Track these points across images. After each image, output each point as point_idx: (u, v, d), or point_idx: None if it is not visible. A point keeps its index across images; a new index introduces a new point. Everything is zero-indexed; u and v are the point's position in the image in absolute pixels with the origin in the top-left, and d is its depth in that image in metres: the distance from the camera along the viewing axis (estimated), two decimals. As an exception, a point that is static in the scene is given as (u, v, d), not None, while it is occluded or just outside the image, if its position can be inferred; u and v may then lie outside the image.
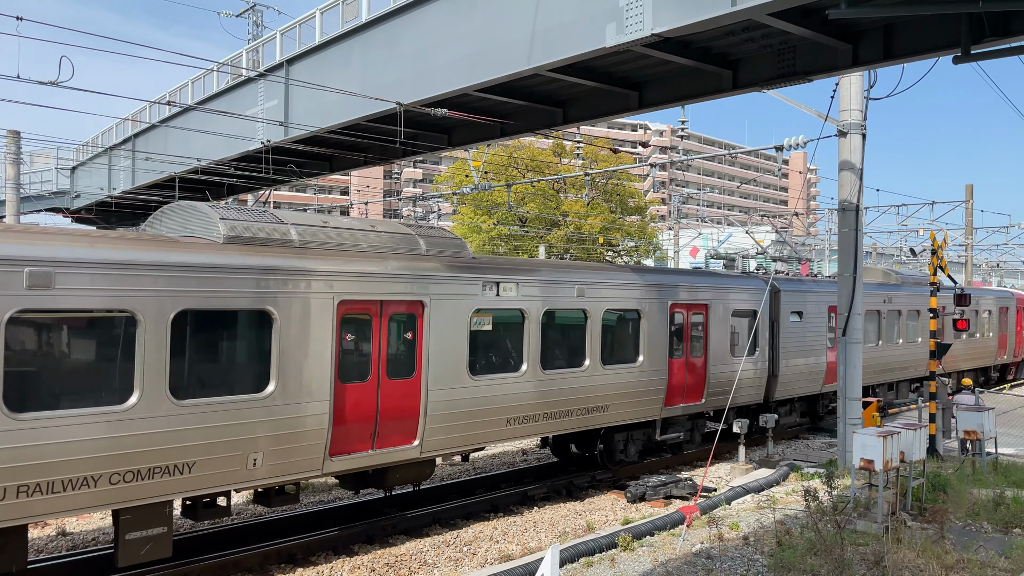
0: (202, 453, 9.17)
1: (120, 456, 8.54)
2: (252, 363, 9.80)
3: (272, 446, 9.81)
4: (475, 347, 12.25)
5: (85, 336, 8.56)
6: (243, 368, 9.77)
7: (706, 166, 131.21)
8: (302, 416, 10.08)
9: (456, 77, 13.54)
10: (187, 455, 9.04)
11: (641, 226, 56.18)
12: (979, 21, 10.22)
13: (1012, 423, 20.77)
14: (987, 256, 60.09)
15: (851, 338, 15.95)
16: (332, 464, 10.55)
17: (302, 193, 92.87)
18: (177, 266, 9.05)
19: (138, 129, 26.57)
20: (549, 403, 13.43)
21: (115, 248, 8.82)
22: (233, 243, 10.00)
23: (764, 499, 13.60)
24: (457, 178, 51.46)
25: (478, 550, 11.66)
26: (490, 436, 12.63)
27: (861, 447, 11.18)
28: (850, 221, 16.08)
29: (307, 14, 17.42)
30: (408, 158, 21.45)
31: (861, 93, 15.93)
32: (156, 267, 8.88)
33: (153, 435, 8.76)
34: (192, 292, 9.15)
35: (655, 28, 10.26)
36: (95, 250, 8.59)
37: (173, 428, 8.92)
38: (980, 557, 9.93)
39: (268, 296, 9.83)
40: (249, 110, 19.13)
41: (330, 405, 10.36)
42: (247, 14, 31.21)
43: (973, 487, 13.40)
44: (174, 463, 8.95)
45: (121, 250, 8.80)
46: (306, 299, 10.21)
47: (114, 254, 8.67)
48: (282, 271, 9.99)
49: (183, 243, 9.63)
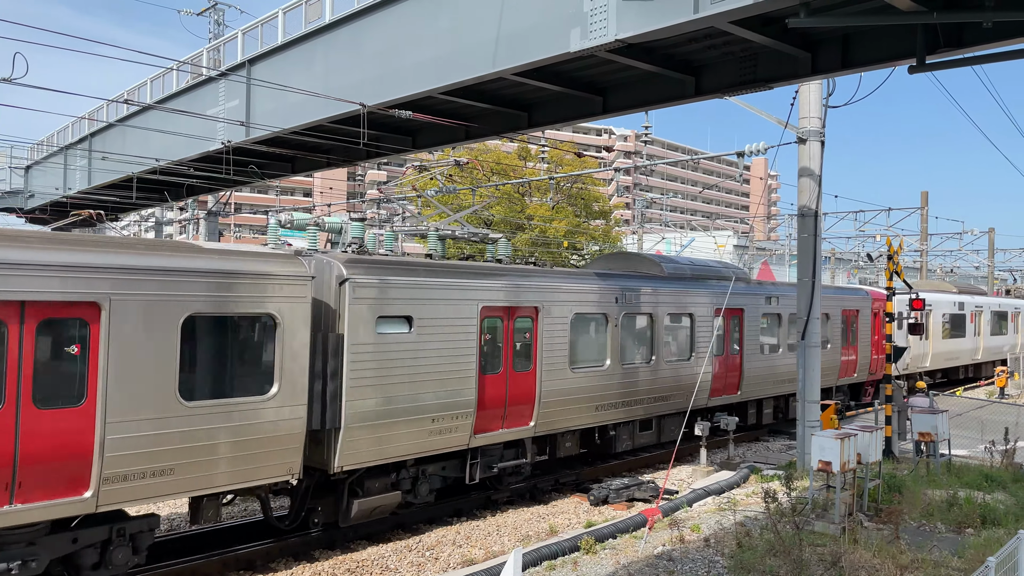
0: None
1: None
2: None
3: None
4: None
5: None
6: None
7: (669, 171, 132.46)
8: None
9: (420, 79, 13.50)
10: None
11: (605, 230, 56.50)
12: (934, 32, 10.45)
13: (965, 425, 21.24)
14: (941, 261, 61.49)
15: (809, 341, 16.20)
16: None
17: (264, 195, 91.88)
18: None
19: (95, 128, 26.03)
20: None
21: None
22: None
23: (725, 501, 13.74)
24: (422, 181, 51.30)
25: (440, 555, 11.61)
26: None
27: (819, 449, 11.35)
28: (809, 227, 16.34)
29: (269, 13, 17.23)
30: (372, 160, 21.31)
31: (820, 101, 16.21)
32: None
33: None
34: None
35: (619, 34, 10.33)
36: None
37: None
38: (934, 557, 10.14)
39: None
40: (210, 110, 18.86)
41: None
42: (208, 13, 30.77)
43: (927, 488, 13.69)
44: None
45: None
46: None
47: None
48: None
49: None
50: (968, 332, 34.88)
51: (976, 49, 10.48)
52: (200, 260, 9.53)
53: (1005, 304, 41.64)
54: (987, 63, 10.50)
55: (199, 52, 20.36)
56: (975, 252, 57.15)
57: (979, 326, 36.22)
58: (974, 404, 26.87)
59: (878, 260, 43.39)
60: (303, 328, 10.30)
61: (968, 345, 35.11)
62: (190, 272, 9.31)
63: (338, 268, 11.14)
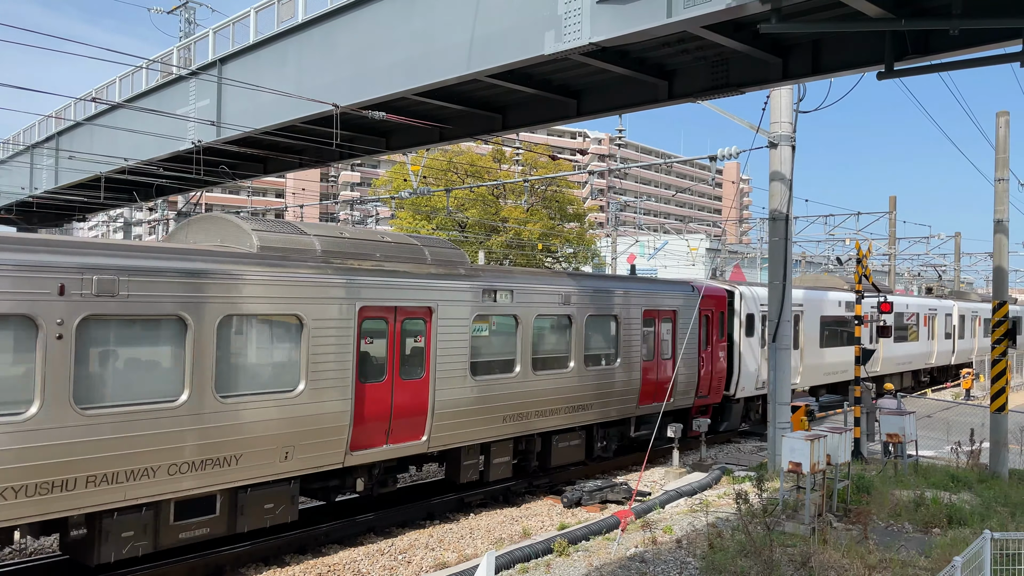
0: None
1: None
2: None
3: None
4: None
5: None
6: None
7: (643, 174, 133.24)
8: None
9: (394, 80, 13.45)
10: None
11: (580, 233, 56.71)
12: (902, 39, 10.62)
13: (932, 427, 21.58)
14: (909, 265, 62.51)
15: (780, 344, 16.36)
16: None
17: (235, 195, 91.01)
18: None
19: (62, 127, 25.63)
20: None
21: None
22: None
23: (697, 502, 13.82)
24: (396, 182, 51.16)
25: (413, 558, 11.55)
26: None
27: (790, 450, 11.45)
28: (780, 230, 16.50)
29: (241, 12, 17.08)
30: (345, 161, 21.20)
31: (791, 106, 16.38)
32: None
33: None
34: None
35: (592, 37, 10.38)
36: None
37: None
38: (901, 557, 10.27)
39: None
40: (180, 109, 18.64)
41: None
42: (179, 11, 30.43)
43: (895, 488, 13.87)
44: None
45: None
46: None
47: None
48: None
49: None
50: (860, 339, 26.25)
51: (943, 56, 10.67)
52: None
53: (917, 305, 33.46)
54: (954, 70, 10.69)
55: (169, 51, 20.13)
56: (942, 256, 58.17)
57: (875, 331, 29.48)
58: (940, 406, 27.31)
59: (847, 263, 43.99)
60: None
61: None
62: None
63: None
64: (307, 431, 10.89)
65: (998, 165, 17.27)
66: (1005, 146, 17.34)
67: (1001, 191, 17.05)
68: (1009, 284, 18.32)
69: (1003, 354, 16.19)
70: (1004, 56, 10.18)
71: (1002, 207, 17.00)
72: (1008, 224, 17.03)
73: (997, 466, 15.81)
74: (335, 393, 11.21)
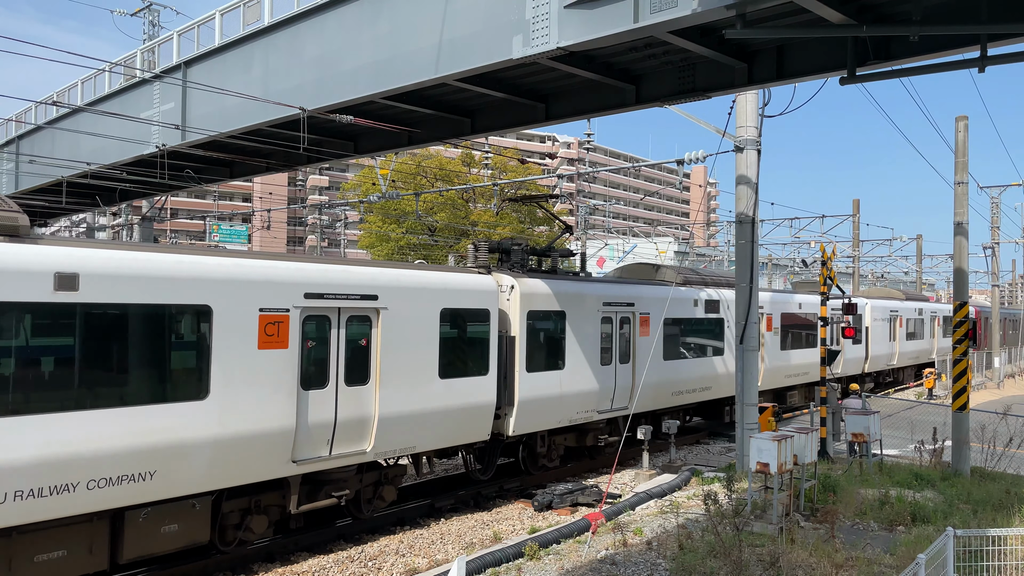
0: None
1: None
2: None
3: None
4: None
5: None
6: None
7: (612, 178, 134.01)
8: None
9: (361, 84, 13.39)
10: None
11: (550, 236, 56.86)
12: (864, 45, 10.81)
13: (896, 426, 21.94)
14: (872, 267, 63.55)
15: (748, 346, 16.53)
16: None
17: (202, 199, 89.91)
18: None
19: (22, 131, 25.12)
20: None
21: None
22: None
23: (667, 504, 13.90)
24: (364, 186, 50.90)
25: (383, 564, 11.47)
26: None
27: (757, 451, 11.56)
28: (747, 233, 16.68)
29: (206, 15, 16.90)
30: (313, 165, 21.04)
31: (756, 110, 16.58)
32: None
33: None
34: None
35: (560, 42, 10.42)
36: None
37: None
38: (867, 555, 10.42)
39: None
40: (144, 112, 18.38)
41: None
42: (142, 13, 29.98)
43: (861, 487, 14.07)
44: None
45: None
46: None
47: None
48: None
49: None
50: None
51: (904, 62, 10.87)
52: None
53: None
54: (914, 75, 10.89)
55: (133, 53, 19.83)
56: (904, 258, 59.24)
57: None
58: (904, 405, 27.78)
59: (813, 265, 44.60)
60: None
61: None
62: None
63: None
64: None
65: (957, 169, 17.63)
66: (964, 150, 17.71)
67: (961, 194, 17.40)
68: (969, 285, 18.68)
69: (964, 354, 16.51)
70: (963, 62, 10.41)
71: (962, 210, 17.35)
72: (967, 226, 17.38)
73: (959, 464, 16.11)
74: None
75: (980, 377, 39.49)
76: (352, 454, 11.80)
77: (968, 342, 16.54)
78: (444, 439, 13.46)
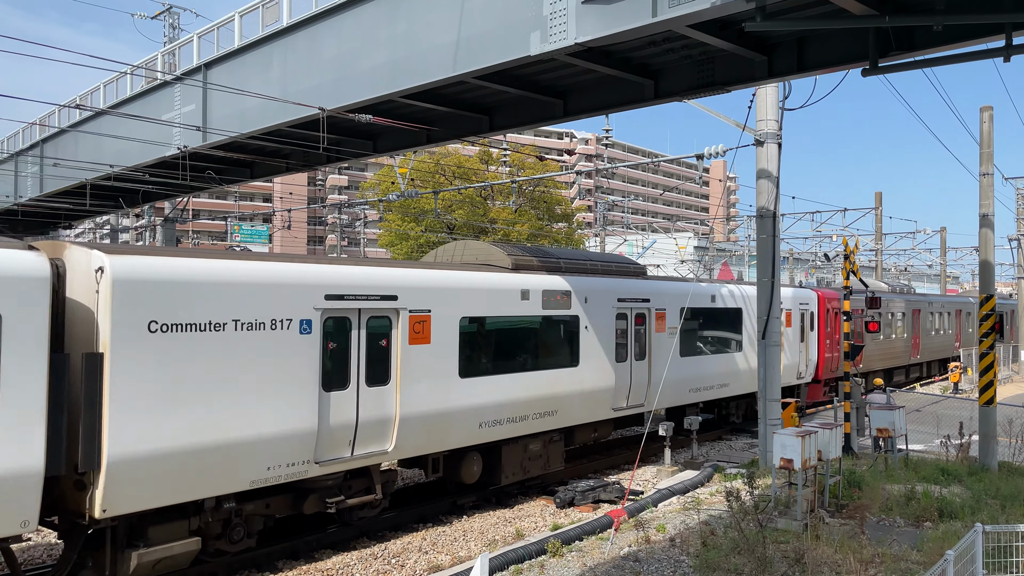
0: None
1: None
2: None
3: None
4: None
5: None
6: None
7: (630, 174, 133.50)
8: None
9: (380, 83, 13.42)
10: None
11: (568, 233, 56.77)
12: (886, 35, 10.67)
13: (922, 420, 21.71)
14: (896, 260, 62.84)
15: (770, 340, 16.42)
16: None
17: (222, 200, 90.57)
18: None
19: (47, 134, 25.46)
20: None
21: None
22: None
23: (689, 500, 13.84)
24: (384, 185, 51.07)
25: (406, 562, 11.51)
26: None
27: (781, 447, 11.48)
28: (768, 228, 16.56)
29: (225, 17, 17.02)
30: (332, 164, 21.14)
31: (777, 104, 16.45)
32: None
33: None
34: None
35: (578, 37, 10.38)
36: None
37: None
38: (894, 551, 10.31)
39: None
40: (165, 115, 18.54)
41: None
42: (163, 16, 30.25)
43: (886, 483, 13.93)
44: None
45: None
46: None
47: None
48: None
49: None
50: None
51: (927, 52, 10.73)
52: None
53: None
54: (938, 66, 10.74)
55: (154, 56, 20.02)
56: (928, 251, 58.54)
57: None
58: (929, 399, 27.49)
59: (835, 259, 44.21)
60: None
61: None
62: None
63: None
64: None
65: (982, 160, 17.39)
66: (989, 141, 17.46)
67: (986, 185, 17.17)
68: (995, 277, 18.43)
69: (990, 348, 16.30)
70: (987, 51, 10.25)
71: (987, 201, 17.12)
72: (993, 218, 17.14)
73: (986, 459, 15.91)
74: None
75: (1006, 371, 38.95)
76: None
77: (995, 335, 16.31)
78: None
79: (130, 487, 8.95)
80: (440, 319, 12.75)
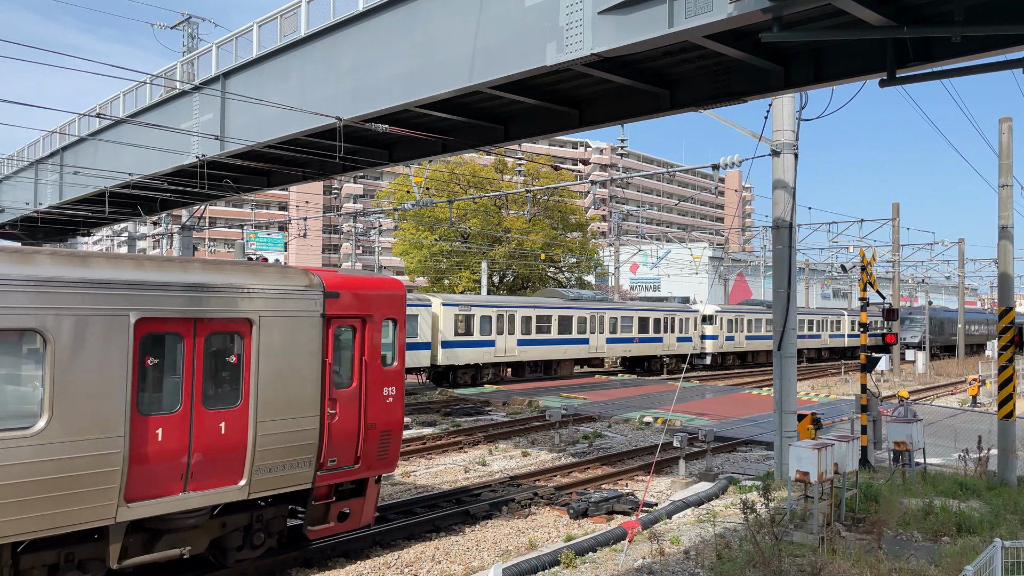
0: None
1: None
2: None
3: None
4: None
5: None
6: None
7: (645, 184, 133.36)
8: None
9: (396, 93, 13.50)
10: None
11: (582, 242, 56.75)
12: (903, 46, 10.62)
13: (939, 434, 21.49)
14: (913, 272, 62.38)
15: (786, 352, 16.31)
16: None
17: (239, 208, 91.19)
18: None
19: (66, 142, 25.75)
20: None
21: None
22: None
23: (704, 512, 13.74)
24: (399, 194, 51.27)
25: (419, 571, 11.49)
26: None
27: (797, 459, 11.39)
28: (784, 238, 16.48)
29: (244, 27, 17.18)
30: (348, 173, 21.26)
31: (793, 114, 16.39)
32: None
33: None
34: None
35: (594, 48, 10.40)
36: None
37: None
38: (911, 566, 10.19)
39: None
40: (184, 123, 18.72)
41: None
42: (182, 26, 30.58)
43: (903, 497, 13.78)
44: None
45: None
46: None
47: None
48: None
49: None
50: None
51: (945, 63, 10.67)
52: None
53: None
54: (956, 76, 10.68)
55: (173, 65, 20.23)
56: (946, 262, 58.11)
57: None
58: (947, 413, 27.21)
59: (852, 271, 43.92)
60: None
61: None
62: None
63: None
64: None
65: (1002, 171, 17.25)
66: (1008, 152, 17.32)
67: (1005, 197, 17.02)
68: (1015, 289, 18.26)
69: (1009, 361, 16.12)
70: (1006, 63, 10.18)
71: (1006, 213, 16.97)
72: (1012, 230, 16.98)
73: (1005, 473, 15.72)
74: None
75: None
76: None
77: (1013, 348, 16.15)
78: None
79: None
80: None
